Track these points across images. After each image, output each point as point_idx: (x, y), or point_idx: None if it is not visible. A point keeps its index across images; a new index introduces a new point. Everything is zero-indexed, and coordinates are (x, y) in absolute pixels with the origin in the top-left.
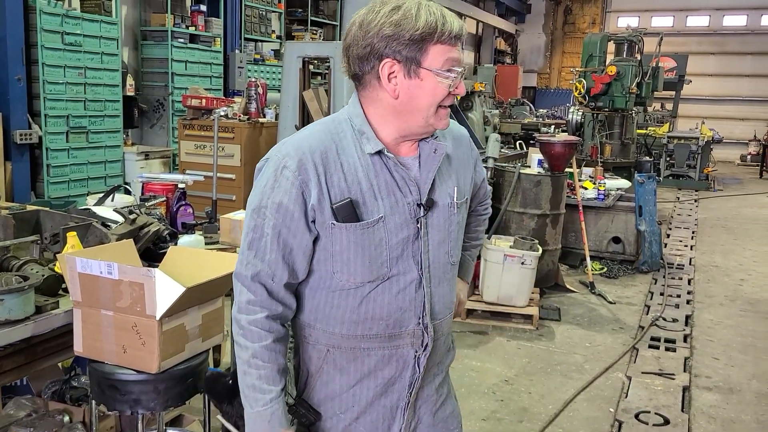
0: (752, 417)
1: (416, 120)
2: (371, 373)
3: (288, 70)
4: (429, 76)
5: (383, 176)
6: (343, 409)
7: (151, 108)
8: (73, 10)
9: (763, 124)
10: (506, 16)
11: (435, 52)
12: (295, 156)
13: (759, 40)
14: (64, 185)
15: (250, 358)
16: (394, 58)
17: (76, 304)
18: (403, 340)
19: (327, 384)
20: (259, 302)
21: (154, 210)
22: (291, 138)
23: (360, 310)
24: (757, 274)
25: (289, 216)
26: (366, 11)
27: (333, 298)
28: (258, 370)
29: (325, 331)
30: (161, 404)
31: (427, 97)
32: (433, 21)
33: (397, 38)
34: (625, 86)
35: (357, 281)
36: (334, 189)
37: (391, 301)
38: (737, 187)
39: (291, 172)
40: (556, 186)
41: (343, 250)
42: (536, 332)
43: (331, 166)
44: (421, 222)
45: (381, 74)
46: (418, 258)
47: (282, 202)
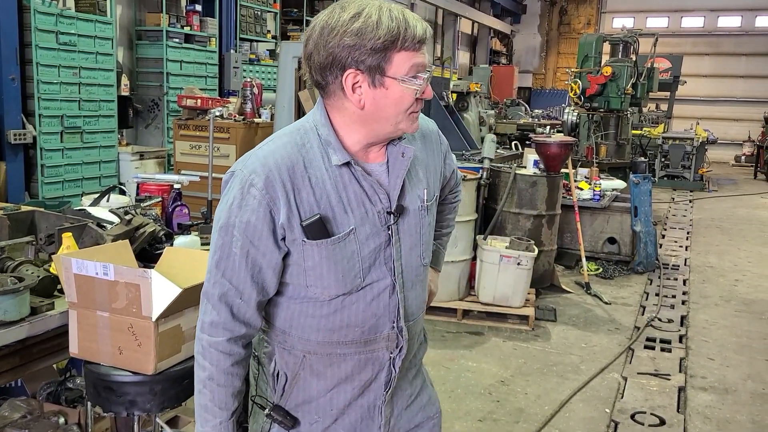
0: (747, 417)
1: (384, 128)
2: (348, 378)
3: (283, 70)
4: (394, 85)
5: (352, 187)
6: (321, 414)
7: (146, 108)
8: (67, 10)
9: (757, 125)
10: (501, 17)
11: (399, 60)
12: (262, 173)
13: (753, 41)
14: (58, 185)
15: (206, 379)
16: (357, 68)
17: (71, 305)
18: (378, 344)
19: (304, 389)
20: (222, 324)
21: (150, 210)
22: (256, 151)
23: (335, 318)
24: (752, 275)
25: (257, 235)
26: (326, 16)
27: (307, 308)
28: (211, 393)
29: (300, 338)
30: (157, 405)
31: (393, 105)
32: (395, 27)
33: (358, 48)
34: (621, 87)
35: (331, 294)
36: (303, 206)
37: (365, 308)
38: (732, 188)
39: (258, 191)
40: (552, 186)
41: (315, 265)
42: (532, 333)
43: (298, 182)
44: (392, 229)
45: (345, 85)
46: (391, 265)
47: (249, 221)
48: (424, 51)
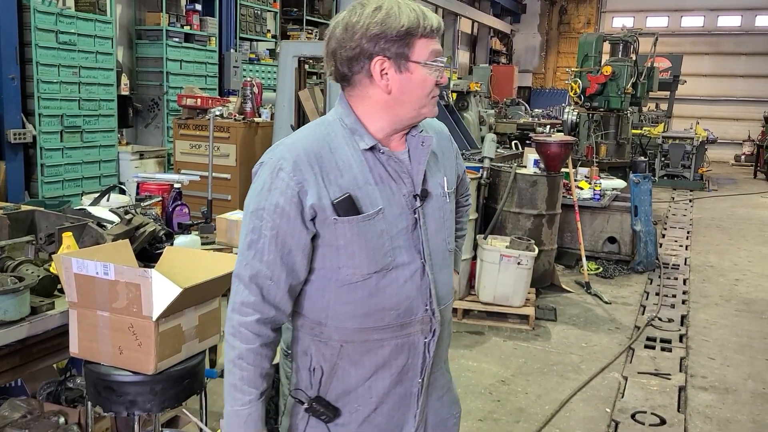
0: (748, 417)
1: (407, 111)
2: (385, 364)
3: (283, 69)
4: (417, 69)
5: (377, 170)
6: (361, 402)
7: (146, 107)
8: (67, 9)
9: (757, 124)
10: (501, 16)
11: (420, 46)
12: (290, 158)
13: (753, 40)
14: (58, 185)
15: (236, 358)
16: (384, 55)
17: (71, 304)
18: (413, 328)
19: (343, 379)
20: (252, 304)
21: (150, 210)
22: (283, 141)
23: (370, 302)
24: (752, 274)
25: (286, 217)
26: (347, 14)
27: (342, 294)
28: (241, 371)
29: (337, 328)
30: (158, 405)
31: (418, 88)
32: (414, 17)
33: (384, 36)
34: (621, 86)
35: (363, 273)
36: (332, 186)
37: (399, 291)
38: (731, 187)
39: (287, 174)
40: (552, 186)
41: (347, 243)
42: (532, 332)
43: (326, 165)
44: (418, 212)
45: (373, 72)
46: (420, 247)
47: (279, 203)
48: (439, 40)
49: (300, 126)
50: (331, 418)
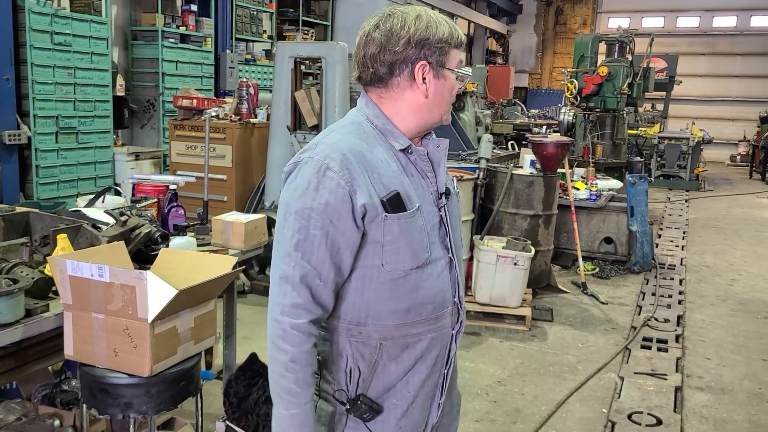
0: (744, 417)
1: (435, 115)
2: (422, 357)
3: (279, 70)
4: (450, 76)
5: (409, 169)
6: (399, 397)
7: (142, 108)
8: (62, 10)
9: (752, 124)
10: (498, 17)
11: (453, 55)
12: (337, 157)
13: (748, 40)
14: (53, 186)
15: (289, 361)
16: (427, 60)
17: (66, 307)
18: (445, 320)
19: (383, 376)
20: (303, 305)
21: (146, 211)
22: (322, 140)
23: (411, 298)
24: (748, 274)
25: (336, 215)
26: (386, 19)
27: (383, 292)
28: (295, 374)
29: (376, 326)
30: (153, 408)
31: (447, 94)
32: (449, 28)
33: (429, 42)
34: (617, 87)
35: (406, 268)
36: (377, 184)
37: (434, 284)
38: (727, 188)
39: (335, 173)
40: (549, 186)
41: (393, 239)
42: (529, 333)
43: (369, 164)
44: (443, 210)
45: (416, 76)
46: (447, 243)
47: (329, 201)
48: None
49: (297, 128)
50: (373, 416)
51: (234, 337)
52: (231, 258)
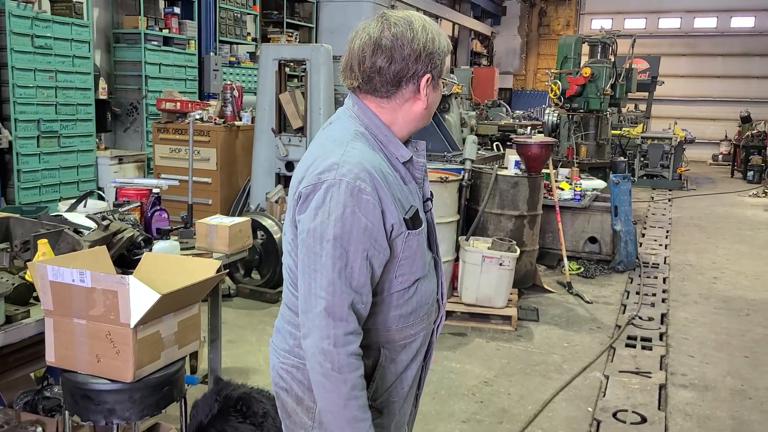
0: (727, 414)
1: (427, 122)
2: (415, 355)
3: (264, 72)
4: (440, 84)
5: (408, 179)
6: (395, 395)
7: (125, 111)
8: (43, 13)
9: (733, 124)
10: (482, 19)
11: (445, 64)
12: (367, 177)
13: (729, 41)
14: (35, 191)
15: (350, 389)
16: (431, 72)
17: (47, 313)
18: (432, 317)
19: (383, 378)
20: (354, 332)
21: (128, 215)
22: (345, 159)
23: (413, 302)
24: (730, 272)
25: (373, 238)
26: (392, 27)
27: (391, 300)
28: (358, 401)
29: (379, 331)
30: (137, 414)
31: (436, 102)
32: (446, 38)
33: (434, 55)
34: (600, 87)
35: (415, 278)
36: (397, 201)
37: (428, 286)
38: (709, 187)
39: (369, 195)
40: (533, 187)
41: (412, 254)
42: (515, 333)
43: (388, 180)
44: (429, 213)
45: (421, 87)
46: (432, 244)
47: (367, 225)
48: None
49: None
50: (377, 417)
51: (219, 341)
52: (215, 261)
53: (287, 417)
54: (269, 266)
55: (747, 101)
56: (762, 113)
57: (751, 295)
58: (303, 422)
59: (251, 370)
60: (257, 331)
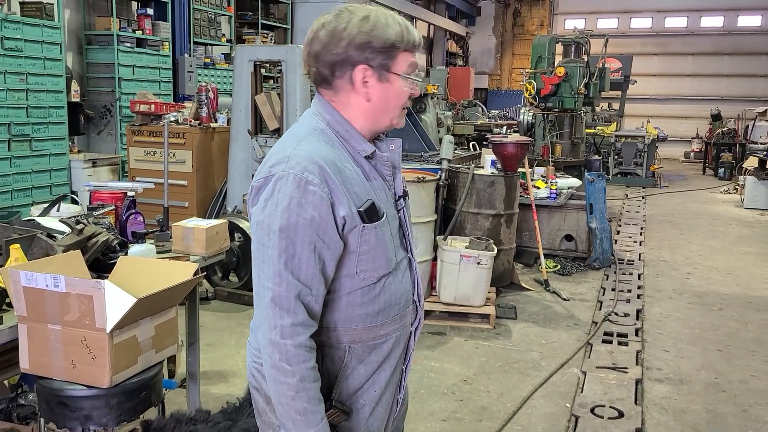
0: (702, 407)
1: (384, 120)
2: (388, 356)
3: (239, 74)
4: (397, 80)
5: (373, 175)
6: (366, 398)
7: (98, 114)
8: (12, 14)
9: (704, 122)
10: (457, 19)
11: (401, 59)
12: (315, 170)
13: (699, 41)
14: (6, 195)
15: (299, 382)
16: (368, 64)
17: (21, 319)
18: (407, 318)
19: (351, 378)
20: (302, 323)
21: (103, 219)
22: (295, 153)
23: (380, 301)
24: (703, 268)
25: (322, 229)
26: (334, 18)
27: (356, 298)
28: (307, 393)
29: (346, 330)
30: (114, 419)
31: (394, 99)
32: (399, 31)
33: (370, 46)
34: (574, 87)
35: (379, 275)
36: (352, 194)
37: (399, 285)
38: (682, 184)
39: (316, 186)
40: (510, 186)
41: (370, 249)
42: (493, 331)
43: (342, 173)
44: (402, 211)
45: (355, 79)
46: (406, 243)
47: (314, 216)
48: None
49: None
50: (345, 419)
51: (197, 345)
52: (192, 264)
53: (259, 416)
54: (247, 268)
55: (717, 99)
56: (732, 111)
57: (724, 290)
58: (271, 422)
59: (230, 374)
60: (236, 334)
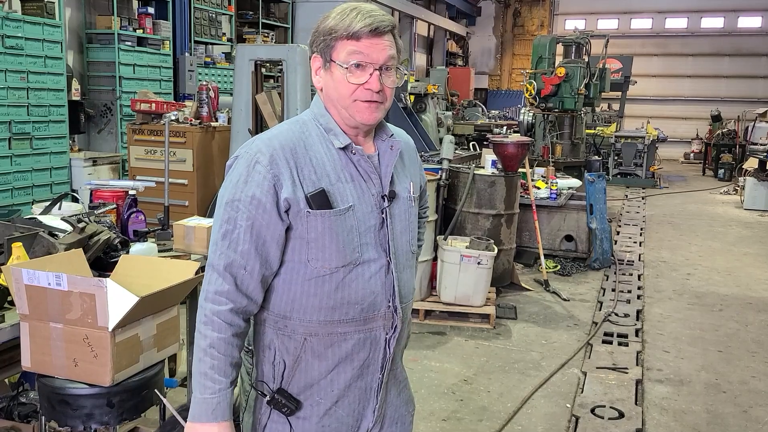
0: (702, 407)
1: (341, 112)
2: (348, 357)
3: (240, 73)
4: (336, 69)
5: (349, 169)
6: (323, 395)
7: (99, 113)
8: (13, 12)
9: (704, 123)
10: (457, 19)
11: (339, 47)
12: (267, 152)
13: (699, 42)
14: (6, 194)
15: (208, 347)
16: (317, 52)
17: (23, 317)
18: (376, 323)
19: (306, 372)
20: (226, 293)
21: (104, 218)
22: (260, 136)
23: (336, 296)
24: (703, 268)
25: (262, 208)
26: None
27: (309, 287)
28: (212, 360)
29: (302, 321)
30: (115, 418)
31: (335, 88)
32: (340, 19)
33: (315, 35)
34: (574, 87)
35: (332, 266)
36: (306, 181)
37: (364, 285)
38: (682, 185)
39: (263, 167)
40: (510, 186)
41: (318, 237)
42: (494, 331)
43: (300, 161)
44: (385, 212)
45: (312, 67)
46: (386, 245)
47: (255, 194)
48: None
49: (258, 131)
50: (293, 411)
51: None
52: (193, 263)
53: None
54: None
55: (717, 100)
56: (732, 112)
57: (724, 291)
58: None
59: None
60: None
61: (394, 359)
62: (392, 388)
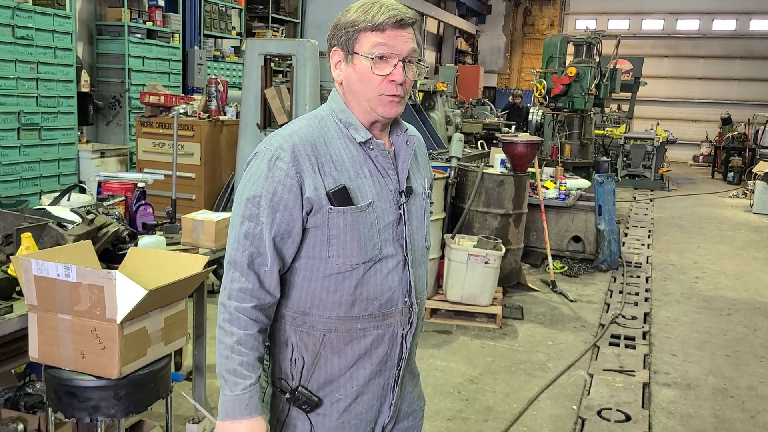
0: (709, 412)
1: (363, 105)
2: (367, 353)
3: (249, 67)
4: (359, 60)
5: (368, 166)
6: (342, 392)
7: (107, 105)
8: (24, 3)
9: (714, 125)
10: (467, 17)
11: (363, 39)
12: (288, 148)
13: (710, 44)
14: (15, 184)
15: (234, 344)
16: (338, 46)
17: (31, 308)
18: (393, 318)
19: (325, 368)
20: (250, 291)
21: (113, 210)
22: (279, 132)
23: (356, 292)
24: (711, 272)
25: (283, 204)
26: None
27: (330, 284)
28: (240, 357)
29: (321, 317)
30: (122, 411)
31: (358, 81)
32: (362, 12)
33: (337, 28)
34: (584, 87)
35: (353, 263)
36: (327, 177)
37: (383, 281)
38: (690, 187)
39: (285, 163)
40: (519, 186)
41: (339, 233)
42: (500, 331)
43: (321, 157)
44: (403, 208)
45: (331, 61)
46: (403, 242)
47: (276, 191)
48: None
49: (266, 125)
50: (312, 408)
51: (204, 338)
52: (201, 257)
53: None
54: None
55: (727, 103)
56: (742, 115)
57: (732, 295)
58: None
59: None
60: None
61: (409, 354)
62: (407, 383)
